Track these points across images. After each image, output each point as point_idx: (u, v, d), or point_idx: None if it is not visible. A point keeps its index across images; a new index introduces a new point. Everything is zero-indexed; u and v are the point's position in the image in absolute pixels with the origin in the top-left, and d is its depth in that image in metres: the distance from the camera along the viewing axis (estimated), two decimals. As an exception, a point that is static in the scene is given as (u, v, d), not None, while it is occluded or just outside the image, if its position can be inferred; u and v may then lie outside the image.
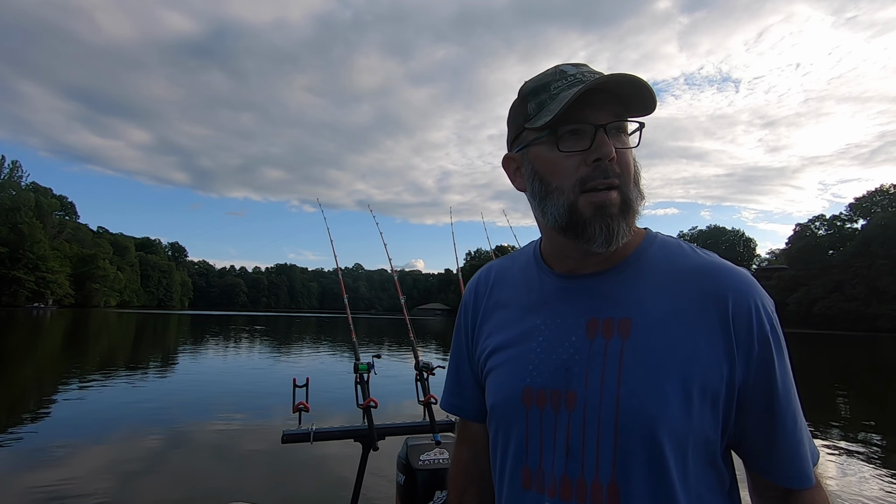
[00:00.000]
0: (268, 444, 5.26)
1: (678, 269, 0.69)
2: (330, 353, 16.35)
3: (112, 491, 3.96)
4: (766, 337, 0.64)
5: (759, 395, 0.64)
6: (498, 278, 0.84)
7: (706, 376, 0.63)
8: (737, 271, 0.67)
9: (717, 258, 0.69)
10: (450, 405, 0.90)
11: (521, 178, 0.76)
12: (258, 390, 8.93)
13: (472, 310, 0.85)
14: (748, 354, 0.63)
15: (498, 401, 0.74)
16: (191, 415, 6.80)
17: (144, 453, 5.00)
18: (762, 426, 0.65)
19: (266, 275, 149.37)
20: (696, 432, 0.62)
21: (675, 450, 0.62)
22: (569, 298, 0.72)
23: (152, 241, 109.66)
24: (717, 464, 0.66)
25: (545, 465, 0.68)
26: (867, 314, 57.67)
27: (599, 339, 0.67)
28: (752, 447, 0.67)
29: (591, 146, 0.65)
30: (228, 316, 55.22)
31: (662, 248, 0.72)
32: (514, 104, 0.75)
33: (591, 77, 0.66)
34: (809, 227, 73.91)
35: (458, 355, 0.88)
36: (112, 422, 6.25)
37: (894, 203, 64.23)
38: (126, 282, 79.23)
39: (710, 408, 0.63)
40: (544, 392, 0.69)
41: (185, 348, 17.25)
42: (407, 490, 1.73)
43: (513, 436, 0.72)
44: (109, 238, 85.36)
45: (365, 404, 1.94)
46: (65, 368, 11.19)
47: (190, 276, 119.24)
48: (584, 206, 0.66)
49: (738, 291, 0.65)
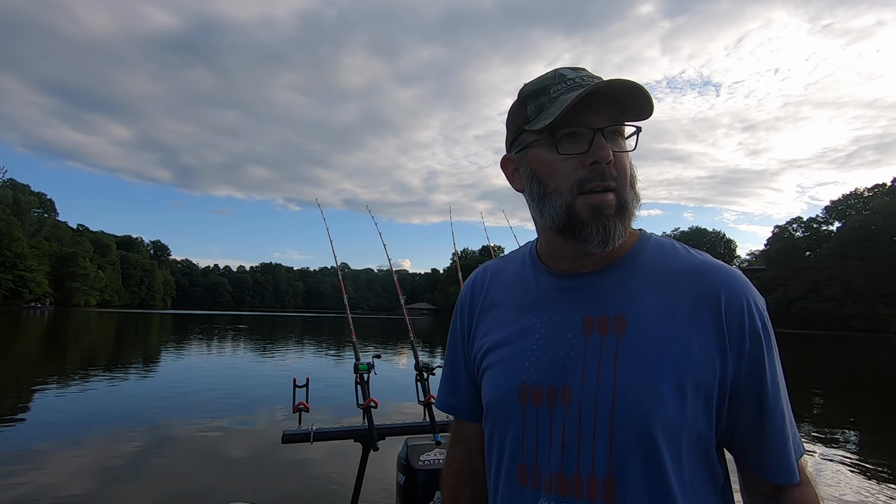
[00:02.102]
0: (268, 445, 5.26)
1: (672, 268, 0.70)
2: (328, 354, 16.27)
3: (112, 490, 3.97)
4: (757, 334, 0.65)
5: (750, 391, 0.65)
6: (493, 278, 0.85)
7: (699, 373, 0.64)
8: (729, 270, 0.69)
9: (709, 258, 0.71)
10: (445, 405, 0.91)
11: (519, 179, 0.77)
12: (256, 391, 8.88)
13: (468, 309, 0.86)
14: (740, 351, 0.65)
15: (494, 398, 0.75)
16: (190, 415, 6.75)
17: (144, 453, 4.98)
18: (752, 422, 0.66)
19: (251, 274, 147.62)
20: (690, 428, 0.64)
21: (670, 445, 0.63)
22: (565, 297, 0.74)
23: (134, 239, 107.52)
24: (710, 460, 0.67)
25: (541, 461, 0.69)
26: (842, 314, 59.21)
27: (595, 337, 0.68)
28: (743, 443, 0.68)
29: (589, 149, 0.66)
30: (212, 315, 54.46)
31: (656, 249, 0.73)
32: (514, 106, 0.76)
33: (590, 81, 0.67)
34: (787, 228, 75.86)
35: (453, 355, 0.89)
36: (111, 422, 6.18)
37: (868, 206, 66.04)
38: (107, 281, 77.57)
39: (703, 404, 0.64)
40: (540, 388, 0.70)
41: (182, 348, 16.99)
42: (407, 490, 1.73)
43: (509, 433, 0.73)
44: (90, 236, 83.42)
45: (365, 404, 1.94)
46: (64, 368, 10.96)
47: (173, 275, 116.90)
48: (582, 207, 0.67)
49: (731, 290, 0.66)
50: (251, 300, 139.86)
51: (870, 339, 41.01)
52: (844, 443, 6.41)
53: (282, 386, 8.43)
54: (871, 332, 54.34)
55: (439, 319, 54.32)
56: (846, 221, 66.96)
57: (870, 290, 57.49)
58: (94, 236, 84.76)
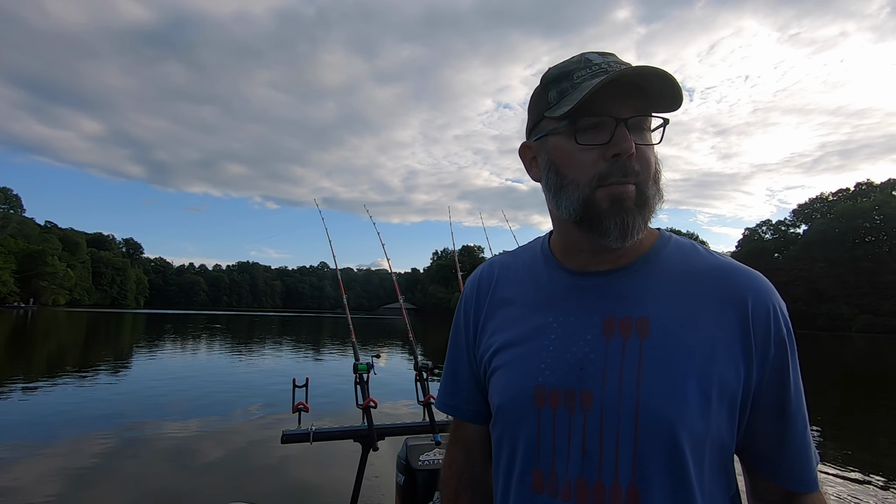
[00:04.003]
0: (267, 445, 5.24)
1: (695, 269, 0.67)
2: (327, 354, 16.14)
3: (112, 489, 3.97)
4: (782, 339, 0.64)
5: (772, 397, 0.64)
6: (501, 274, 0.81)
7: (724, 378, 0.62)
8: (754, 273, 0.67)
9: (732, 260, 0.69)
10: (445, 405, 0.87)
11: (536, 168, 0.73)
12: (254, 390, 8.78)
13: (473, 307, 0.82)
14: (765, 357, 0.63)
15: (506, 400, 0.71)
16: (189, 415, 6.67)
17: (144, 453, 4.95)
18: (773, 429, 0.64)
19: (227, 273, 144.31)
20: (713, 435, 0.62)
21: (694, 452, 0.61)
22: (582, 296, 0.70)
23: (105, 236, 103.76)
24: (727, 467, 0.66)
25: (558, 467, 0.65)
26: (808, 314, 61.20)
27: (617, 339, 0.65)
28: (761, 450, 0.66)
29: (611, 140, 0.63)
30: (187, 315, 53.22)
31: (678, 249, 0.71)
32: (536, 91, 0.72)
33: (617, 67, 0.63)
34: (757, 231, 78.04)
35: (456, 354, 0.85)
36: (110, 421, 6.15)
37: (832, 210, 68.28)
38: (77, 279, 74.95)
39: (727, 410, 0.62)
40: (557, 391, 0.67)
41: (170, 348, 16.58)
42: (407, 490, 1.73)
43: (522, 437, 0.69)
44: (58, 233, 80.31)
45: (365, 404, 1.95)
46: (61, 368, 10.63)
47: (146, 274, 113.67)
48: (601, 198, 0.64)
49: (757, 293, 0.64)
50: (227, 299, 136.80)
51: (834, 338, 42.53)
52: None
53: (281, 385, 8.39)
54: (834, 331, 56.36)
55: (419, 319, 54.26)
56: (812, 225, 69.20)
57: (834, 291, 59.68)
58: (63, 233, 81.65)
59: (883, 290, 56.44)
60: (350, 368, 2.05)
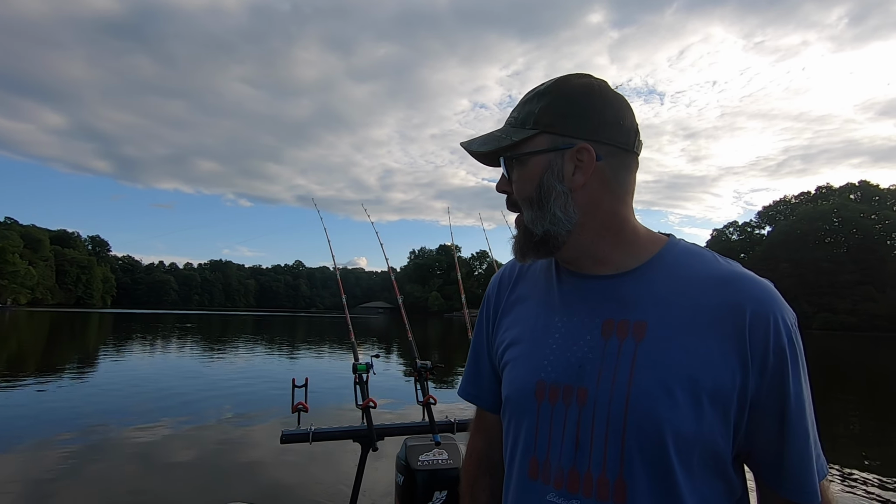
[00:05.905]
0: (267, 445, 5.22)
1: (698, 276, 0.69)
2: (326, 355, 16.05)
3: (112, 488, 3.98)
4: (782, 349, 0.64)
5: (771, 407, 0.64)
6: (521, 273, 0.87)
7: (718, 383, 0.63)
8: (758, 282, 0.68)
9: (739, 267, 0.70)
10: (467, 393, 0.92)
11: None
12: (252, 390, 8.72)
13: (493, 302, 0.89)
14: (763, 365, 0.64)
15: (512, 392, 0.77)
16: (189, 415, 6.61)
17: (144, 453, 4.94)
18: (772, 438, 0.65)
19: (199, 271, 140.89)
20: (704, 438, 0.63)
21: (681, 453, 0.63)
22: (586, 299, 0.74)
23: (70, 233, 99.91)
24: (726, 472, 0.67)
25: (553, 457, 0.70)
26: (773, 313, 63.71)
27: (614, 340, 0.69)
28: (762, 458, 0.67)
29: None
30: (156, 315, 51.80)
31: (684, 255, 0.73)
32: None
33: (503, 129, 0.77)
34: (724, 232, 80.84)
35: (478, 345, 0.91)
36: (109, 422, 6.12)
37: (794, 212, 71.26)
38: (39, 278, 71.88)
39: (720, 415, 0.64)
40: (557, 387, 0.71)
41: (158, 349, 16.23)
42: (406, 491, 1.73)
43: (523, 427, 0.74)
44: (19, 230, 77.21)
45: (364, 404, 1.94)
46: None
47: (113, 273, 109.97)
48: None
49: (758, 302, 0.65)
50: (199, 298, 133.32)
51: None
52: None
53: (281, 385, 8.31)
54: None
55: (394, 318, 54.10)
56: (776, 226, 72.08)
57: (796, 290, 62.09)
58: (24, 230, 78.54)
59: (840, 290, 59.32)
60: (349, 368, 2.04)
